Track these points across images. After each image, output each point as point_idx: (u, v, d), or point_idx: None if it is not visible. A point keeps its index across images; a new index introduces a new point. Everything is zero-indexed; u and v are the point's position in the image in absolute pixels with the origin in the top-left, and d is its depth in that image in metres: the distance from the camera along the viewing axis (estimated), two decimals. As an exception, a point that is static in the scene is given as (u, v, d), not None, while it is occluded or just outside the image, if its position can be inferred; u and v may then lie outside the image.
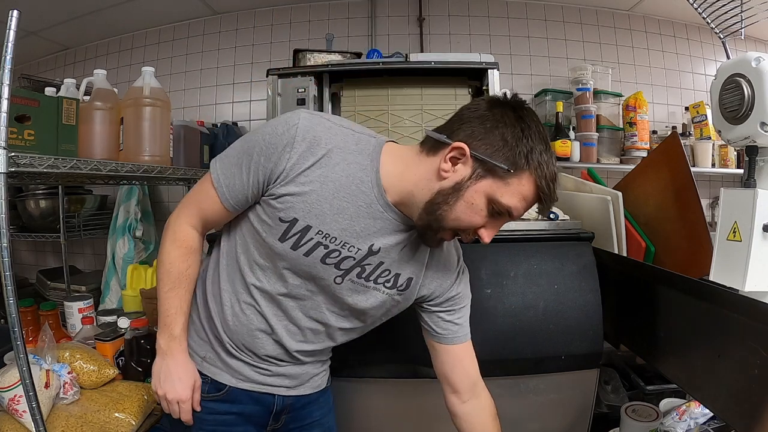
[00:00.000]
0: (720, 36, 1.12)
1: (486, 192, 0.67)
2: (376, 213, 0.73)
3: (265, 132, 0.72)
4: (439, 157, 0.69)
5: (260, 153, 0.71)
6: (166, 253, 0.79)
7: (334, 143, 0.71)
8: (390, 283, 0.79)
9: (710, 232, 1.05)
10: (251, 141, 0.73)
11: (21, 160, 0.86)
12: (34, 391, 0.86)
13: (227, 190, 0.74)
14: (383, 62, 1.34)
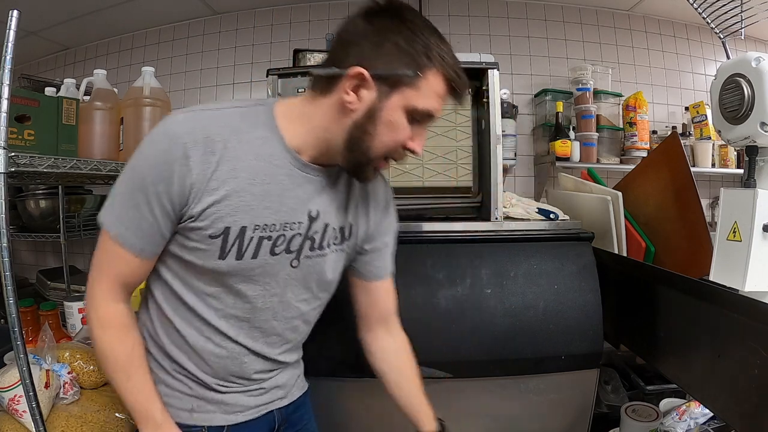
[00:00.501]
0: (720, 36, 1.12)
1: (401, 105, 0.64)
2: (299, 180, 0.69)
3: (148, 156, 0.62)
4: (337, 92, 0.64)
5: (155, 181, 0.61)
6: (99, 341, 0.67)
7: (226, 130, 0.64)
8: (338, 239, 0.76)
9: (710, 232, 1.05)
10: (137, 173, 0.62)
11: (21, 160, 0.86)
12: (34, 391, 0.86)
13: (136, 238, 0.64)
14: (383, 62, 1.34)
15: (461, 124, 1.34)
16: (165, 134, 0.62)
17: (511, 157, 2.07)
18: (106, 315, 0.67)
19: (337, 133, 0.66)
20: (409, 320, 1.07)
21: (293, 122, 0.68)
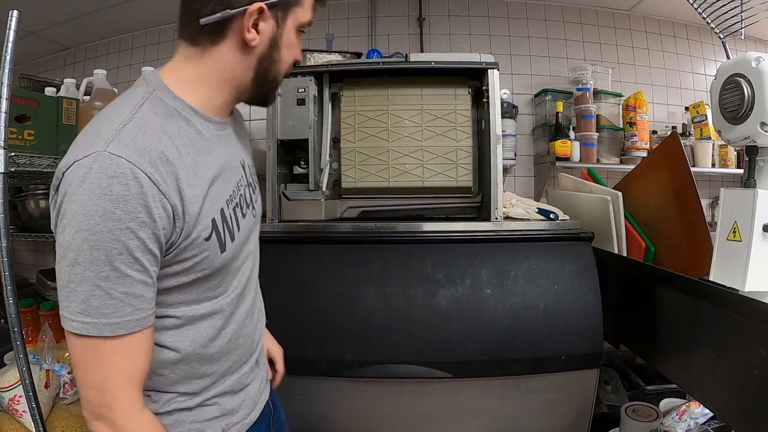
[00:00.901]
0: (720, 36, 1.12)
1: (294, 25, 0.66)
2: (224, 139, 0.67)
3: (106, 210, 0.49)
4: (231, 35, 0.60)
5: (132, 233, 0.50)
6: None
7: (158, 133, 0.56)
8: (252, 179, 0.78)
9: (710, 232, 1.05)
10: (98, 237, 0.49)
11: (21, 159, 0.87)
12: (34, 391, 0.86)
13: (137, 315, 0.53)
14: (383, 62, 1.34)
15: (461, 124, 1.34)
16: (117, 171, 0.50)
17: (511, 157, 2.07)
18: (135, 427, 0.55)
19: (243, 74, 0.64)
20: (409, 320, 1.07)
21: (194, 87, 0.62)
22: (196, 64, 0.62)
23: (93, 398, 0.53)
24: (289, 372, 0.98)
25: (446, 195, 1.35)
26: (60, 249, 0.52)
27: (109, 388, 0.53)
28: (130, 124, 0.54)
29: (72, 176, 0.50)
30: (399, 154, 1.34)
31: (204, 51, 0.61)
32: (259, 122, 2.24)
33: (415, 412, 1.14)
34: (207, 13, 0.58)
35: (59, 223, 0.52)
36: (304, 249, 1.19)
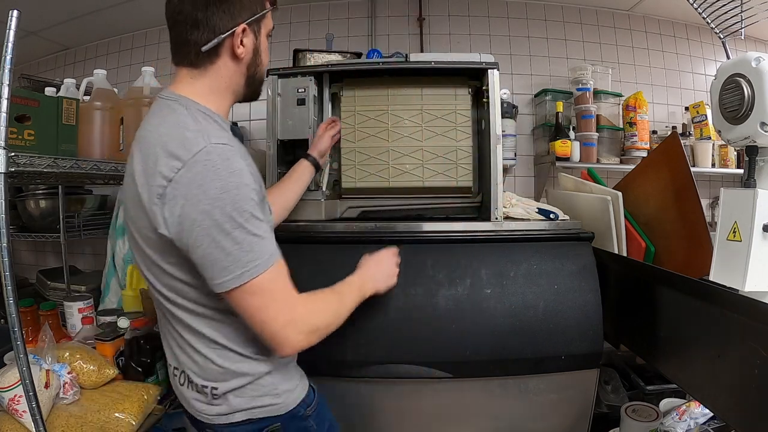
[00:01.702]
0: (720, 36, 1.12)
1: (265, 33, 0.82)
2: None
3: (235, 182, 0.65)
4: (224, 54, 0.75)
5: (257, 191, 0.68)
6: (327, 327, 0.75)
7: (225, 133, 0.73)
8: None
9: (710, 232, 1.05)
10: (241, 201, 0.65)
11: (21, 160, 0.86)
12: (34, 391, 0.86)
13: (274, 245, 0.70)
14: (383, 62, 1.34)
15: (461, 124, 1.34)
16: (226, 157, 0.65)
17: (511, 157, 2.07)
18: (309, 318, 0.72)
19: (238, 80, 0.79)
20: (409, 320, 1.07)
21: (208, 99, 0.75)
22: (203, 81, 0.75)
23: (287, 325, 0.68)
24: (289, 372, 0.97)
25: (446, 195, 1.35)
26: (208, 219, 0.63)
27: (289, 305, 0.69)
28: (208, 126, 0.70)
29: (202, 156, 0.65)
30: (399, 154, 1.34)
31: (205, 70, 0.75)
32: (259, 122, 2.25)
33: (415, 412, 1.14)
34: (204, 42, 0.73)
35: (193, 205, 0.63)
36: (304, 249, 1.19)
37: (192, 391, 0.79)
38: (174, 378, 0.82)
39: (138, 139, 0.72)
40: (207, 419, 0.78)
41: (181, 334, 0.76)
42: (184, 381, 0.79)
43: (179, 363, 0.79)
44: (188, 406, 0.81)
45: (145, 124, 0.73)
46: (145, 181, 0.67)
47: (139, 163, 0.69)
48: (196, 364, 0.76)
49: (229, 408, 0.76)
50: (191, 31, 0.72)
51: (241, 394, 0.76)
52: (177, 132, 0.67)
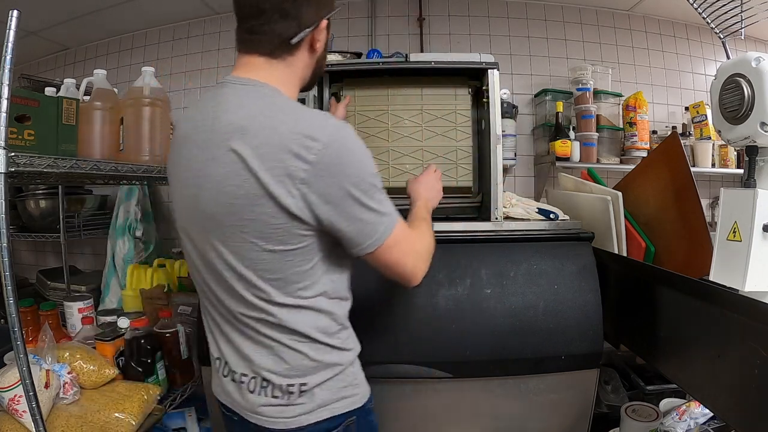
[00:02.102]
0: (720, 36, 1.12)
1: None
2: None
3: (363, 155, 0.71)
4: (303, 46, 0.76)
5: (372, 162, 0.73)
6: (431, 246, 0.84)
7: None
8: None
9: (710, 232, 1.05)
10: (369, 170, 0.71)
11: (21, 160, 0.86)
12: (34, 391, 0.86)
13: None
14: (383, 62, 1.34)
15: (461, 124, 1.34)
16: (351, 133, 0.70)
17: (511, 157, 2.07)
18: (425, 249, 0.81)
19: (307, 72, 0.80)
20: (409, 320, 1.07)
21: (286, 88, 0.76)
22: (281, 70, 0.76)
23: (416, 261, 0.78)
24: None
25: (446, 195, 1.34)
26: (356, 190, 0.68)
27: (411, 244, 0.77)
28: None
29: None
30: (399, 154, 1.34)
31: (283, 60, 0.75)
32: (259, 122, 2.25)
33: (415, 412, 1.14)
34: (292, 34, 0.73)
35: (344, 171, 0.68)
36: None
37: (266, 396, 0.75)
38: (240, 387, 0.77)
39: (232, 128, 0.68)
40: (283, 424, 0.75)
41: (267, 335, 0.74)
42: (255, 387, 0.76)
43: (255, 367, 0.75)
44: (253, 415, 0.77)
45: (231, 113, 0.69)
46: (271, 166, 0.65)
47: (250, 150, 0.66)
48: (283, 362, 0.74)
49: (312, 405, 0.75)
50: (278, 21, 0.72)
51: (328, 386, 0.76)
52: (299, 115, 0.68)
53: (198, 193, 0.71)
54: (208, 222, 0.71)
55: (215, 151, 0.69)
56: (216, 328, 0.80)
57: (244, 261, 0.70)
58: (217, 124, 0.70)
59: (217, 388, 0.83)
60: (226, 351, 0.79)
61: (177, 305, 1.43)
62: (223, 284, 0.74)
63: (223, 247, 0.71)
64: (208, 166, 0.70)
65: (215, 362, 0.82)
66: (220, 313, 0.78)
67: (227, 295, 0.74)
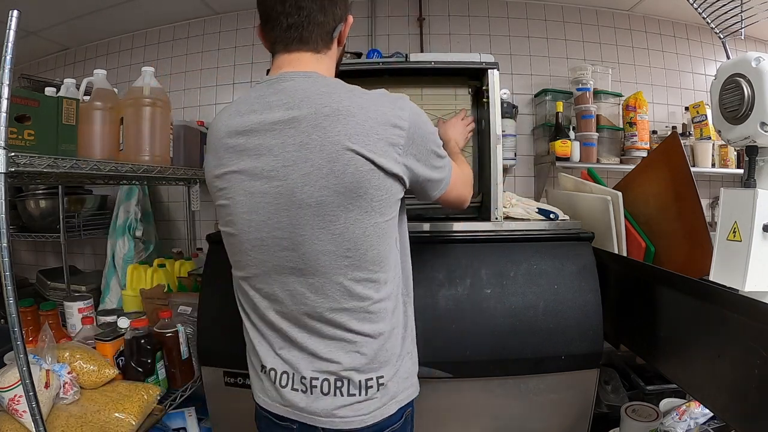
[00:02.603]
0: (720, 36, 1.12)
1: None
2: None
3: (429, 120, 0.80)
4: (335, 38, 0.82)
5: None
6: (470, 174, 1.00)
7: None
8: None
9: (710, 232, 1.05)
10: (436, 131, 0.81)
11: (21, 160, 0.86)
12: (34, 391, 0.86)
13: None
14: (383, 62, 1.34)
15: (461, 124, 1.34)
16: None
17: (511, 157, 2.07)
18: (469, 179, 0.98)
19: (337, 63, 0.86)
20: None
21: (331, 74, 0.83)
22: (326, 63, 0.81)
23: (468, 191, 0.95)
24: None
25: (446, 195, 1.35)
26: (435, 146, 0.79)
27: (462, 179, 0.92)
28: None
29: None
30: (399, 154, 1.34)
31: (324, 54, 0.80)
32: (259, 122, 2.25)
33: (415, 412, 1.14)
34: (332, 28, 0.79)
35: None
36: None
37: (343, 396, 0.75)
38: (309, 393, 0.77)
39: (324, 113, 0.70)
40: (359, 422, 0.76)
41: (354, 329, 0.75)
42: (330, 389, 0.75)
43: (336, 367, 0.75)
44: (323, 419, 0.76)
45: (314, 99, 0.72)
46: (374, 140, 0.70)
47: (350, 130, 0.69)
48: (365, 357, 0.76)
49: (386, 398, 0.78)
50: (319, 16, 0.77)
51: (398, 376, 0.80)
52: (374, 94, 0.75)
53: (289, 184, 0.71)
54: (303, 211, 0.71)
55: (308, 137, 0.70)
56: (278, 338, 0.79)
57: (348, 242, 0.72)
58: (302, 110, 0.71)
59: (271, 401, 0.80)
60: (291, 358, 0.77)
61: (177, 305, 1.42)
62: (313, 281, 0.74)
63: (325, 234, 0.71)
64: (302, 153, 0.70)
65: (271, 374, 0.79)
66: (292, 318, 0.76)
67: (316, 293, 0.74)
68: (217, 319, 1.17)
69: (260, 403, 0.82)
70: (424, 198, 0.84)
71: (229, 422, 1.24)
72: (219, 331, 1.17)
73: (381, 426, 0.77)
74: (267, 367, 0.79)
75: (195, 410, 1.49)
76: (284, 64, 0.77)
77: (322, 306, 0.74)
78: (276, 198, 0.71)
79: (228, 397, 1.20)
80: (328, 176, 0.69)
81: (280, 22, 0.75)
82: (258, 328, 0.81)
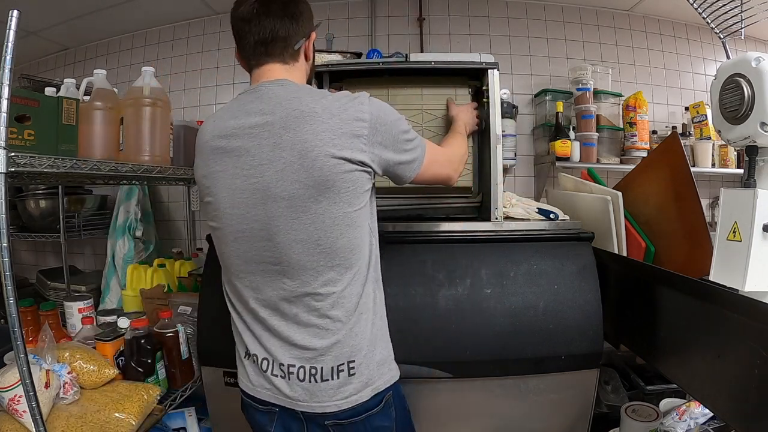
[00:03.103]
0: (720, 36, 1.12)
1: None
2: None
3: (392, 109, 0.86)
4: (300, 52, 0.90)
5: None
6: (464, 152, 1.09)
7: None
8: None
9: (710, 232, 1.05)
10: (401, 118, 0.87)
11: (21, 160, 0.86)
12: (34, 391, 0.86)
13: None
14: (383, 62, 1.34)
15: (461, 124, 1.34)
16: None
17: (511, 157, 2.07)
18: (458, 158, 1.04)
19: (307, 75, 0.94)
20: (410, 320, 1.07)
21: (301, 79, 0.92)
22: (295, 73, 0.89)
23: (453, 169, 1.00)
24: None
25: (446, 195, 1.35)
26: (401, 134, 0.85)
27: (445, 157, 0.99)
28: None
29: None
30: (399, 154, 1.34)
31: (292, 65, 0.89)
32: (259, 122, 2.25)
33: (415, 412, 1.14)
34: (294, 41, 0.88)
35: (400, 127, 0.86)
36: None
37: (317, 382, 0.82)
38: (290, 377, 0.82)
39: (294, 115, 0.78)
40: (333, 407, 0.81)
41: (326, 314, 0.81)
42: (306, 376, 0.82)
43: (311, 354, 0.82)
44: (303, 403, 0.82)
45: (286, 103, 0.80)
46: (339, 134, 0.77)
47: (317, 128, 0.77)
48: (337, 343, 0.82)
49: (360, 384, 0.83)
50: (283, 32, 0.86)
51: (370, 362, 0.84)
52: (337, 94, 0.83)
53: (265, 180, 0.78)
54: (277, 204, 0.78)
55: (280, 138, 0.78)
56: (259, 326, 0.85)
57: (318, 231, 0.78)
58: (275, 115, 0.79)
59: (253, 386, 0.87)
60: (271, 346, 0.84)
61: (177, 305, 1.42)
62: (288, 269, 0.80)
63: (297, 225, 0.78)
64: (275, 152, 0.78)
65: (254, 359, 0.86)
66: (271, 305, 0.83)
67: (291, 278, 0.81)
68: (217, 319, 1.17)
69: (244, 389, 0.88)
70: (401, 181, 0.89)
71: (229, 422, 1.24)
72: (219, 331, 1.17)
73: (357, 411, 0.82)
74: (251, 352, 0.86)
75: (195, 410, 1.49)
76: (260, 76, 0.87)
77: (297, 291, 0.81)
78: (253, 193, 0.79)
79: (228, 397, 1.20)
80: (299, 171, 0.76)
81: (249, 40, 0.85)
82: (243, 318, 0.88)
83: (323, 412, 0.81)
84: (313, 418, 0.83)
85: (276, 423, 0.86)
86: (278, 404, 0.84)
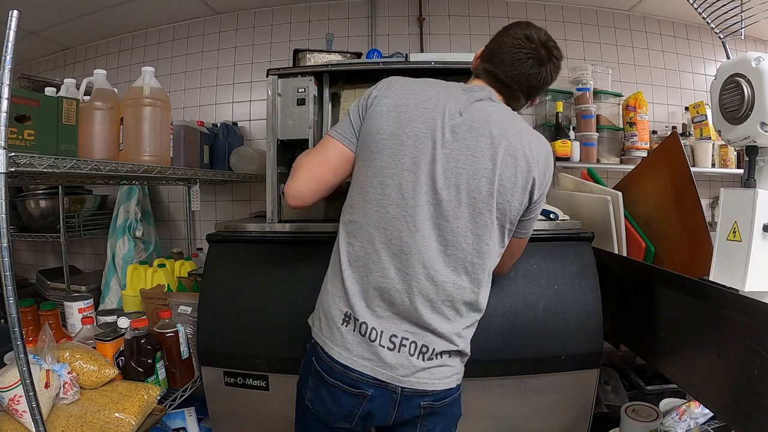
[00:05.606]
0: (720, 36, 1.12)
1: None
2: None
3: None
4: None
5: None
6: None
7: None
8: None
9: (710, 232, 1.05)
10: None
11: (21, 160, 0.86)
12: (34, 391, 0.86)
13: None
14: (383, 62, 1.34)
15: (461, 124, 1.34)
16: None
17: (511, 157, 2.06)
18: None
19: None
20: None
21: None
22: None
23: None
24: (289, 371, 0.97)
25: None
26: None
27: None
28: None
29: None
30: (399, 154, 1.34)
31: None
32: (259, 122, 2.24)
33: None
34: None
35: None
36: (305, 249, 1.19)
37: (453, 366, 0.86)
38: (441, 355, 0.84)
39: (513, 135, 0.92)
40: (448, 386, 0.86)
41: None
42: (444, 354, 0.85)
43: (455, 340, 0.84)
44: (444, 381, 0.84)
45: (503, 127, 0.93)
46: (535, 165, 0.90)
47: (525, 153, 0.90)
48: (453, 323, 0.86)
49: (459, 368, 0.88)
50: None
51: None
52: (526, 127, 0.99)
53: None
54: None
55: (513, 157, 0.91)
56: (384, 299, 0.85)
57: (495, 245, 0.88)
58: (513, 136, 0.96)
59: (354, 356, 0.82)
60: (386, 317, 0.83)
61: (177, 305, 1.42)
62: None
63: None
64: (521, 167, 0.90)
65: (362, 328, 0.83)
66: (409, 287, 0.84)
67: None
68: (217, 319, 1.17)
69: (337, 358, 0.83)
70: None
71: (229, 422, 1.24)
72: (219, 331, 1.17)
73: (448, 394, 0.86)
74: (359, 320, 0.83)
75: (195, 410, 1.49)
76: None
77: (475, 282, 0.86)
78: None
79: (228, 397, 1.21)
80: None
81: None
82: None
83: (425, 390, 0.82)
84: (411, 398, 0.82)
85: (365, 404, 0.83)
86: (377, 379, 0.81)
